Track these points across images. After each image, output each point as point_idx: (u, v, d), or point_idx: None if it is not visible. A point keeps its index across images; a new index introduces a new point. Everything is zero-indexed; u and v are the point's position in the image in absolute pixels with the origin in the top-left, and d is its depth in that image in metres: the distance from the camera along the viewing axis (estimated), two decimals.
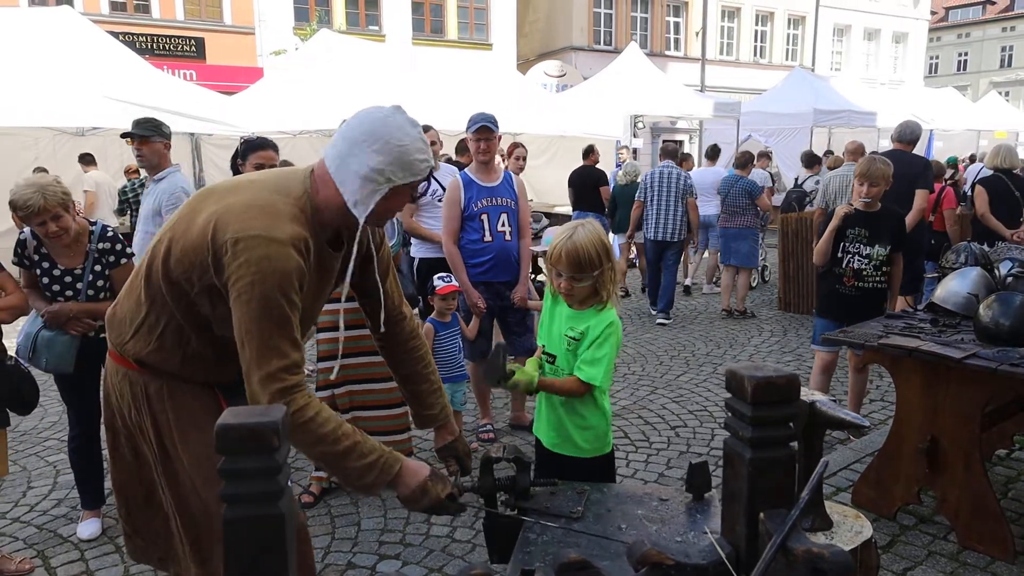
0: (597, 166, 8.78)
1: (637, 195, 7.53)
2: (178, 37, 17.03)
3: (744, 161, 7.77)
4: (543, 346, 2.41)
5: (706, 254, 9.18)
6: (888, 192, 5.48)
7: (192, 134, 8.88)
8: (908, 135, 5.67)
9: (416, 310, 4.91)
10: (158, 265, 1.74)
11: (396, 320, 2.09)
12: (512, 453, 1.90)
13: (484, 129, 4.01)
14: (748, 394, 1.10)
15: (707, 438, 4.27)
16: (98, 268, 3.10)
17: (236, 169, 3.61)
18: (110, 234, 3.16)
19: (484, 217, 4.07)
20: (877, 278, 3.96)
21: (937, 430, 3.02)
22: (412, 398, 2.15)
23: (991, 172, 6.34)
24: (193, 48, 17.17)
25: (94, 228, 3.14)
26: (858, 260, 3.98)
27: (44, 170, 8.60)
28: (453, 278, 4.08)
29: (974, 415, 2.91)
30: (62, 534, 3.27)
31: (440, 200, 4.69)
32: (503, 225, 4.11)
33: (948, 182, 8.30)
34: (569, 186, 8.75)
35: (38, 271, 3.06)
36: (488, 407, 4.40)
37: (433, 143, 4.77)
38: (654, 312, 7.54)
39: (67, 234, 2.97)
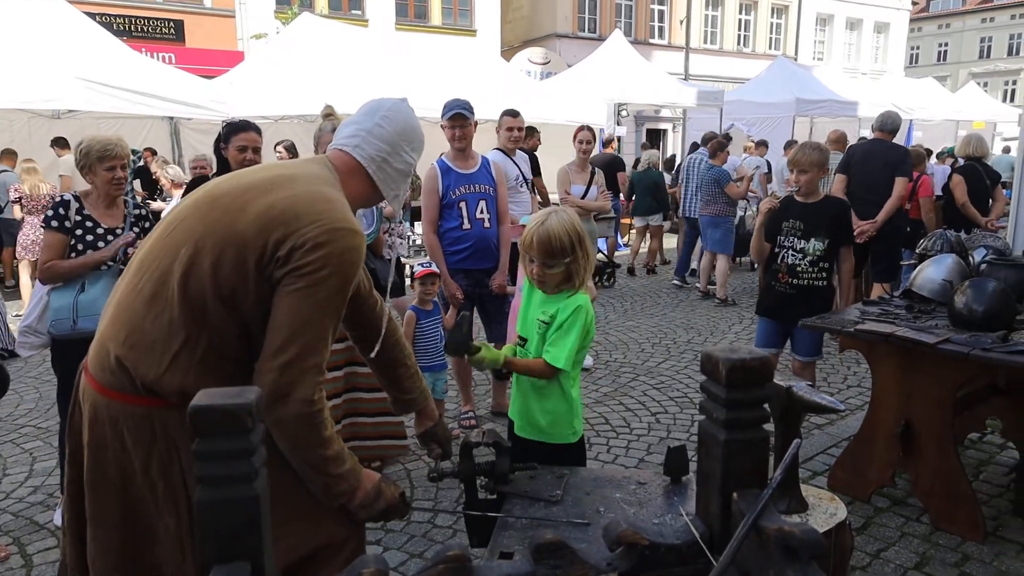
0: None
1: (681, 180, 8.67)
2: (157, 19, 16.72)
3: (715, 149, 7.85)
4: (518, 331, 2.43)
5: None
6: (870, 180, 5.58)
7: (171, 118, 8.77)
8: (889, 125, 5.78)
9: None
10: (201, 282, 1.54)
11: (369, 308, 2.07)
12: (492, 438, 1.91)
13: (458, 116, 3.99)
14: (722, 376, 1.12)
15: (687, 424, 4.31)
16: (136, 230, 3.27)
17: (219, 153, 3.57)
18: (139, 203, 3.45)
19: (462, 205, 4.06)
20: (813, 274, 3.69)
21: (911, 414, 3.07)
22: (389, 384, 2.14)
23: (963, 161, 6.46)
24: (172, 31, 16.87)
25: (127, 198, 3.35)
26: (791, 255, 3.72)
27: (13, 152, 8.46)
28: (434, 264, 4.07)
29: (947, 399, 2.96)
30: (38, 521, 3.24)
31: (522, 185, 4.87)
32: (481, 212, 4.10)
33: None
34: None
35: (79, 231, 3.11)
36: (470, 395, 4.41)
37: (520, 128, 4.88)
38: (676, 281, 8.59)
39: (124, 185, 3.22)
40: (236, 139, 3.43)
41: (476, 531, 1.92)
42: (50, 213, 3.09)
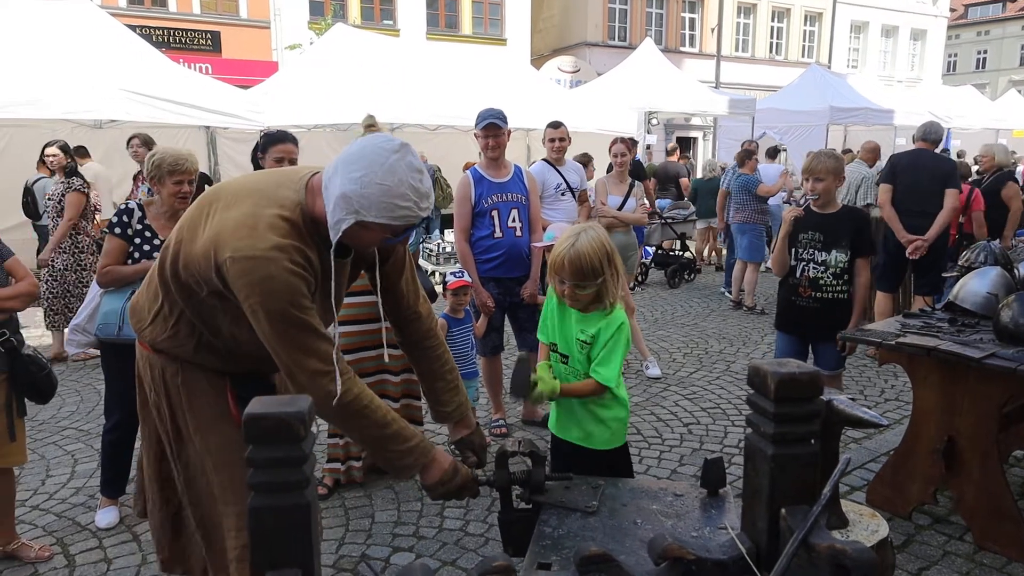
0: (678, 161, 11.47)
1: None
2: (194, 31, 17.11)
3: (743, 158, 7.90)
4: (554, 344, 2.42)
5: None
6: (918, 191, 5.44)
7: (208, 127, 8.93)
8: (932, 135, 5.66)
9: None
10: (168, 265, 1.81)
11: (410, 320, 2.12)
12: (527, 447, 1.91)
13: (492, 126, 4.02)
14: (771, 390, 1.10)
15: (720, 435, 4.26)
16: None
17: (256, 163, 3.63)
18: None
19: (495, 213, 4.08)
20: (838, 288, 3.56)
21: (954, 430, 2.99)
22: (428, 394, 2.18)
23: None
24: (209, 42, 17.25)
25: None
26: (813, 268, 3.59)
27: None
28: (467, 273, 4.09)
29: (992, 415, 2.89)
30: (80, 522, 3.31)
31: (564, 194, 4.92)
32: (513, 221, 4.12)
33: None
34: (653, 176, 10.70)
35: (137, 240, 3.18)
36: (500, 402, 4.41)
37: (562, 139, 4.91)
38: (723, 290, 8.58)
39: (188, 200, 3.21)
40: (273, 150, 3.48)
41: (512, 541, 1.92)
42: (114, 220, 3.18)
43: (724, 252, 9.79)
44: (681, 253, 9.64)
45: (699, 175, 11.29)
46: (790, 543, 1.00)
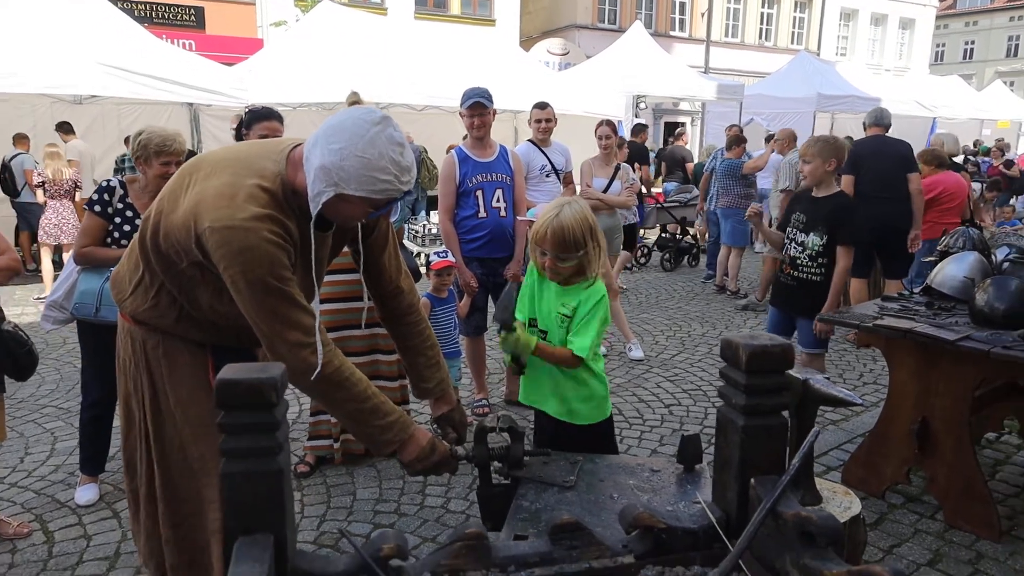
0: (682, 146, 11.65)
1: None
2: (178, 6, 16.78)
3: (730, 143, 7.93)
4: (533, 320, 2.42)
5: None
6: (885, 177, 5.48)
7: (191, 104, 8.82)
8: (884, 119, 5.73)
9: None
10: (148, 236, 1.79)
11: (392, 295, 2.12)
12: (506, 423, 1.93)
13: (477, 105, 4.00)
14: (743, 362, 1.12)
15: (700, 416, 4.31)
16: None
17: (240, 139, 3.59)
18: None
19: (479, 193, 4.07)
20: (812, 269, 3.67)
21: (928, 411, 3.04)
22: (410, 370, 2.19)
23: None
24: (192, 17, 16.94)
25: None
26: (794, 247, 3.76)
27: (26, 137, 8.52)
28: (450, 253, 4.08)
29: (965, 397, 2.94)
30: (60, 499, 3.30)
31: (547, 175, 4.91)
32: (498, 201, 4.11)
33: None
34: (660, 160, 11.37)
35: (118, 219, 3.12)
36: (483, 382, 4.43)
37: (548, 120, 4.89)
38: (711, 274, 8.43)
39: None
40: (258, 127, 3.43)
41: (490, 515, 1.94)
42: (95, 197, 3.11)
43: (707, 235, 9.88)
44: (681, 237, 9.69)
45: (696, 159, 11.51)
46: (758, 511, 1.02)
